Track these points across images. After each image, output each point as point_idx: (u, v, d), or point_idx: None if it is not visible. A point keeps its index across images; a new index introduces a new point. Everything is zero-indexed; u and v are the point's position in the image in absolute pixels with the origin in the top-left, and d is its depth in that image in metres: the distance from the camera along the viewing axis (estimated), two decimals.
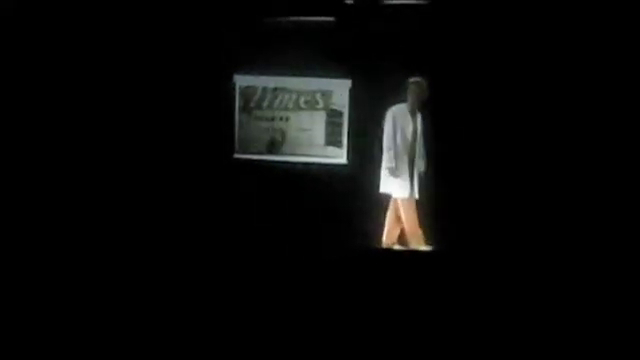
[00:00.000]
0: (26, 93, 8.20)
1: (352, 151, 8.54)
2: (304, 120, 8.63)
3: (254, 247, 6.94)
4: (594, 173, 7.79)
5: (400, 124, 7.64)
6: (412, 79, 7.65)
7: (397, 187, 7.61)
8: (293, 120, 8.64)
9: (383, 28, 8.28)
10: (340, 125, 8.57)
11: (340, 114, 8.57)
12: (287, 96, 8.64)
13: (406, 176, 7.60)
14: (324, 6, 8.40)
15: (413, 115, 7.69)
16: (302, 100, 8.62)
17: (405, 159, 7.62)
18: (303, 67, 8.48)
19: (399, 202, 7.60)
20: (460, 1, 8.21)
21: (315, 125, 8.62)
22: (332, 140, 8.59)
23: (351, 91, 8.53)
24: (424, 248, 7.48)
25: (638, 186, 7.63)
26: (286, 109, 8.64)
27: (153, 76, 8.40)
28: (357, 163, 8.42)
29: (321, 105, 8.60)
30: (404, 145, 7.61)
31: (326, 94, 8.59)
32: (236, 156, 8.66)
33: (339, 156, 8.57)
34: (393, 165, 7.56)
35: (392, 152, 7.58)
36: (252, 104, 8.68)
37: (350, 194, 8.22)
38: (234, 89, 8.67)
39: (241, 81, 8.69)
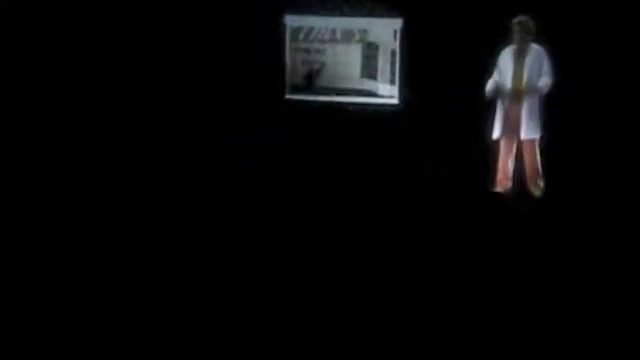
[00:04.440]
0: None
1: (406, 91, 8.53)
2: (353, 60, 8.64)
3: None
4: None
5: (504, 68, 7.29)
6: (516, 19, 7.22)
7: (498, 129, 7.35)
8: (341, 59, 8.66)
9: None
10: (393, 66, 8.58)
11: (393, 56, 8.58)
12: (337, 35, 8.65)
13: (515, 118, 7.25)
14: None
15: (521, 55, 7.24)
16: (352, 39, 8.62)
17: (515, 101, 7.25)
18: (354, 6, 8.49)
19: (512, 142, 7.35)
20: None
21: (366, 66, 8.64)
22: (384, 83, 8.62)
23: (402, 30, 8.50)
24: (538, 193, 7.30)
25: None
26: (336, 48, 8.66)
27: (197, 20, 8.48)
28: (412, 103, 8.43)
29: (372, 45, 8.61)
30: (514, 87, 7.23)
31: (377, 34, 8.58)
32: (288, 97, 8.73)
33: (392, 96, 8.61)
34: (499, 111, 7.31)
35: (500, 97, 7.29)
36: (301, 44, 8.72)
37: (406, 135, 8.25)
38: (284, 30, 8.71)
39: (291, 22, 8.71)
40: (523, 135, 7.25)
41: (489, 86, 7.33)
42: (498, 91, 7.31)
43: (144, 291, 4.57)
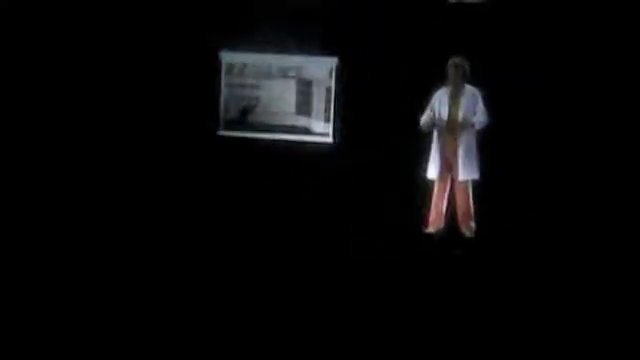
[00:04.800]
0: None
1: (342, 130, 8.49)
2: (288, 98, 8.59)
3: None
4: None
5: (439, 106, 7.29)
6: (452, 59, 7.28)
7: (434, 169, 7.36)
8: (276, 97, 8.60)
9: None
10: (328, 104, 8.55)
11: (327, 95, 8.55)
12: (272, 72, 8.59)
13: (449, 159, 7.29)
14: None
15: (457, 95, 7.30)
16: (287, 76, 8.58)
17: (449, 141, 7.29)
18: (289, 44, 8.43)
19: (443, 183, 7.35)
20: None
21: (300, 103, 8.59)
22: (318, 120, 8.57)
23: (338, 69, 8.49)
24: (469, 234, 7.28)
25: None
26: (271, 85, 8.60)
27: (137, 56, 8.36)
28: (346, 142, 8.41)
29: (307, 83, 8.57)
30: (447, 127, 7.26)
31: (313, 72, 8.55)
32: (221, 133, 8.62)
33: (326, 135, 8.56)
34: (434, 152, 7.32)
35: (434, 138, 7.31)
36: (236, 80, 8.63)
37: (339, 174, 8.18)
38: (219, 65, 8.61)
39: (227, 58, 8.63)
40: (460, 176, 7.25)
41: (424, 119, 7.33)
42: (433, 124, 7.31)
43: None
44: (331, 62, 8.50)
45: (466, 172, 7.25)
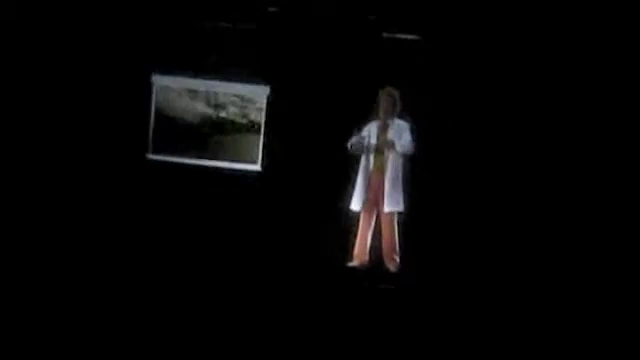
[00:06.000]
0: None
1: (269, 159, 8.46)
2: (219, 124, 8.55)
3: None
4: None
5: (368, 138, 7.29)
6: (383, 89, 7.30)
7: (359, 200, 7.31)
8: (208, 123, 8.55)
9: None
10: (257, 132, 8.52)
11: (257, 123, 8.53)
12: (203, 98, 8.55)
13: (376, 191, 7.25)
14: (247, 12, 8.33)
15: (384, 128, 7.30)
16: (218, 103, 8.54)
17: (376, 174, 7.27)
18: (221, 71, 8.42)
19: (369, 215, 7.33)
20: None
21: (230, 130, 8.55)
22: (247, 148, 8.53)
23: (269, 98, 8.48)
24: (393, 268, 7.22)
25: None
26: (202, 111, 8.54)
27: (68, 74, 8.24)
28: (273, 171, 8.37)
29: (238, 110, 8.54)
30: (375, 160, 7.26)
31: (244, 99, 8.53)
32: (150, 157, 8.54)
33: (254, 163, 8.52)
34: (360, 184, 7.29)
35: (361, 169, 7.30)
36: (168, 104, 8.56)
37: (266, 203, 8.17)
38: (151, 89, 8.54)
39: (159, 81, 8.56)
40: (386, 208, 7.24)
41: (354, 140, 7.29)
42: (362, 146, 7.29)
43: None
44: (263, 90, 8.49)
45: (392, 204, 7.27)
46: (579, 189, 7.87)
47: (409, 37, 8.24)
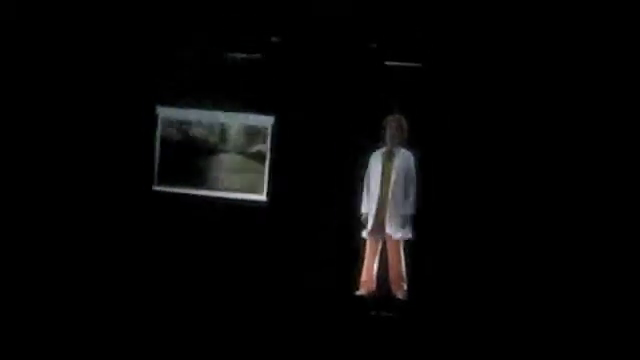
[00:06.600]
0: None
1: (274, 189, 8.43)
2: (223, 154, 8.58)
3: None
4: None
5: (373, 167, 7.38)
6: (390, 116, 7.40)
7: (367, 231, 7.36)
8: (212, 153, 8.58)
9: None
10: (262, 162, 8.54)
11: (262, 153, 8.55)
12: (208, 128, 8.58)
13: (381, 220, 7.30)
14: (250, 43, 8.38)
15: (390, 157, 7.39)
16: (223, 133, 8.57)
17: (382, 202, 7.31)
18: (225, 102, 8.43)
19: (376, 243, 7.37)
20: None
21: (235, 161, 8.57)
22: (252, 178, 8.54)
23: (274, 128, 8.51)
24: (401, 296, 7.24)
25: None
26: (206, 141, 8.57)
27: (74, 106, 8.26)
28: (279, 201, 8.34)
29: (242, 140, 8.57)
30: (381, 188, 7.31)
31: (249, 129, 8.56)
32: (156, 188, 8.54)
33: (260, 193, 8.52)
34: (366, 211, 7.37)
35: (367, 197, 7.38)
36: (172, 136, 8.59)
37: (272, 233, 8.16)
38: (156, 121, 8.57)
39: (163, 113, 8.60)
40: (387, 237, 7.26)
41: (363, 208, 7.40)
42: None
43: None
44: (268, 121, 8.51)
45: (396, 232, 7.27)
46: (588, 212, 7.86)
47: (411, 65, 8.26)
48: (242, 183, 8.53)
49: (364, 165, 7.42)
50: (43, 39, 8.18)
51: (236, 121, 8.55)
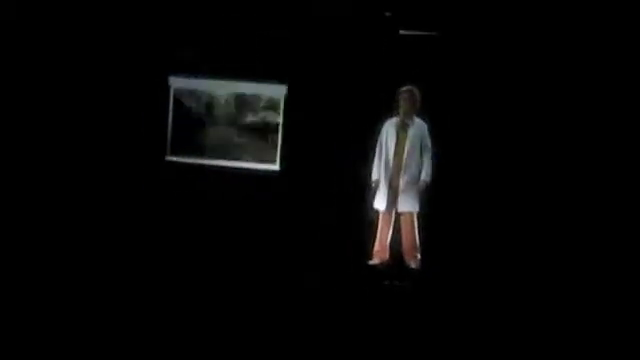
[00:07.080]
0: None
1: (287, 158, 8.44)
2: (236, 124, 8.56)
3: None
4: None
5: (387, 137, 7.30)
6: (403, 88, 7.29)
7: (381, 201, 7.33)
8: (225, 123, 8.56)
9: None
10: (275, 132, 8.52)
11: (275, 122, 8.52)
12: (220, 98, 8.56)
13: (395, 190, 7.26)
14: (264, 12, 8.32)
15: (404, 127, 7.32)
16: (236, 103, 8.55)
17: (395, 173, 7.28)
18: (238, 71, 8.41)
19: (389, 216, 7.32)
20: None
21: (248, 130, 8.56)
22: (265, 148, 8.52)
23: (287, 97, 8.47)
24: (415, 265, 7.22)
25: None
26: (219, 112, 8.56)
27: (87, 78, 8.28)
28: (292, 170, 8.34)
29: (255, 110, 8.54)
30: (395, 157, 7.27)
31: (262, 99, 8.53)
32: (168, 158, 8.55)
33: (272, 162, 8.50)
34: (377, 178, 7.31)
35: (378, 164, 7.32)
36: (185, 106, 8.57)
37: (284, 203, 8.15)
38: (168, 91, 8.56)
39: (176, 83, 8.58)
40: (400, 208, 7.23)
41: (374, 175, 7.35)
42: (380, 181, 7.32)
43: None
44: (280, 90, 8.47)
45: (407, 204, 7.26)
46: (598, 189, 7.80)
47: (426, 33, 8.18)
48: (255, 153, 8.52)
49: (377, 133, 7.36)
50: (56, 10, 8.18)
51: (249, 91, 8.53)
